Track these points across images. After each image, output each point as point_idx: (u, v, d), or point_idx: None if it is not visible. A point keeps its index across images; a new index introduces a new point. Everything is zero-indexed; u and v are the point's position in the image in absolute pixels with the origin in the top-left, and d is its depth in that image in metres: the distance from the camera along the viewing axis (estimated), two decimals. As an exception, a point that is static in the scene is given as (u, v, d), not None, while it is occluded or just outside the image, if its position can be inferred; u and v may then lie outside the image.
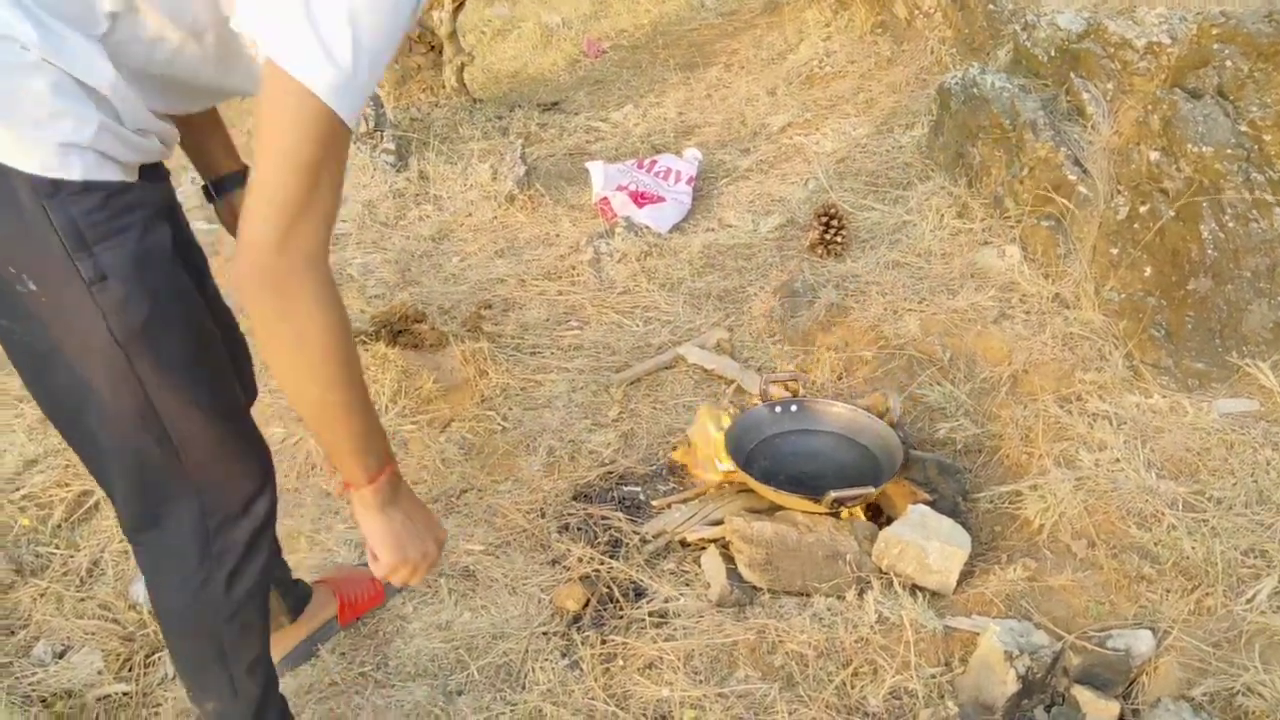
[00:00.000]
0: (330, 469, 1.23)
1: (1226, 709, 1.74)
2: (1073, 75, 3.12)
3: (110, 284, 1.22)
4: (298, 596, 1.99)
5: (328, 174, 1.12)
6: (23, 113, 1.15)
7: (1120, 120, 2.95)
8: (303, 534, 2.32)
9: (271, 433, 2.59)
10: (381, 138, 4.07)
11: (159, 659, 2.01)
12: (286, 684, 1.93)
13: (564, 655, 1.99)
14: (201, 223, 3.43)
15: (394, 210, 3.78)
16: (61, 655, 2.02)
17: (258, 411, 2.68)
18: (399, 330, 2.86)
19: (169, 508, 1.40)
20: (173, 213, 1.40)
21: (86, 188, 1.19)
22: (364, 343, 2.87)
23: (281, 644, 1.94)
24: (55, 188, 1.17)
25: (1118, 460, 2.29)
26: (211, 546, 1.44)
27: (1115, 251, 2.71)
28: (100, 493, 2.37)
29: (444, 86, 4.86)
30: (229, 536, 1.45)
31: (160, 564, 1.47)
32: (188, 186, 3.50)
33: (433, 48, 4.92)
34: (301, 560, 2.24)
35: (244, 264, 1.11)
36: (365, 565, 1.56)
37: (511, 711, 1.88)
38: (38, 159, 1.16)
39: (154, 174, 1.33)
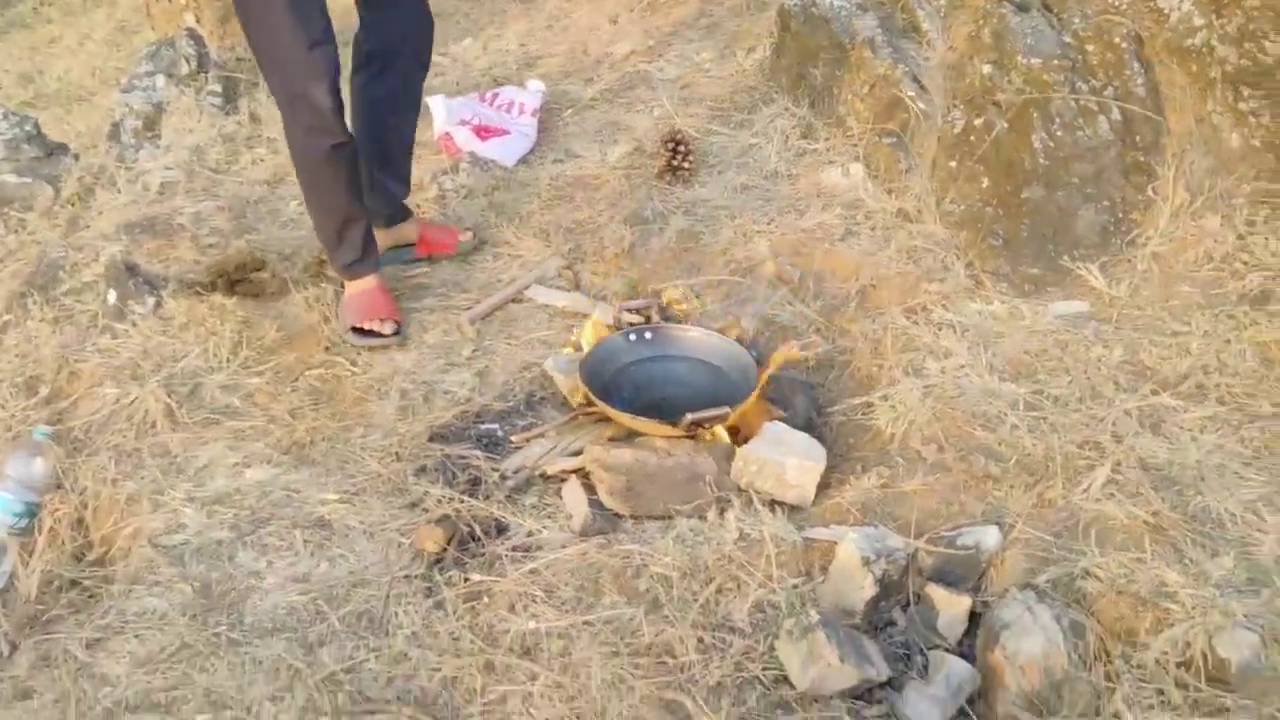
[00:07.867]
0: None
1: (1068, 592, 1.82)
2: (906, -8, 3.16)
3: None
4: (397, 211, 2.88)
5: None
6: None
7: (954, 35, 3.00)
8: (145, 495, 2.21)
9: (106, 393, 2.46)
10: (206, 79, 3.86)
11: None
12: (134, 649, 1.85)
13: (428, 597, 1.95)
14: (10, 176, 3.21)
15: (224, 155, 3.59)
16: None
17: (90, 370, 2.54)
18: (236, 280, 2.74)
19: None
20: None
21: None
22: (200, 294, 2.73)
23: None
24: None
25: (962, 366, 2.36)
26: (293, 107, 2.42)
27: (954, 164, 2.77)
28: None
29: (272, 24, 4.61)
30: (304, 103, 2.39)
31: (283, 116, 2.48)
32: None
33: (257, -18, 4.66)
34: (145, 523, 2.14)
35: None
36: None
37: (376, 657, 1.83)
38: None
39: None
